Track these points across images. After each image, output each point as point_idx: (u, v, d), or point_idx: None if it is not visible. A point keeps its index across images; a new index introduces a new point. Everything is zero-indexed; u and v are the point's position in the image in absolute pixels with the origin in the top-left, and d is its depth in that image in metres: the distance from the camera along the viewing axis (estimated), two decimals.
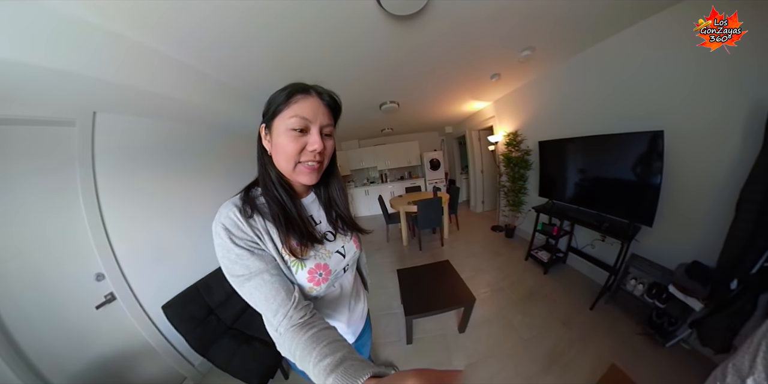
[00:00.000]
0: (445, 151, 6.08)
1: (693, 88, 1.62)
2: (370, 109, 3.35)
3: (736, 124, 1.45)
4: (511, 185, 3.61)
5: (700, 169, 1.65)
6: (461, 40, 1.80)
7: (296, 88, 0.55)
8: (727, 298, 1.30)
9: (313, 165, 0.56)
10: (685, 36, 1.55)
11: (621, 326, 1.92)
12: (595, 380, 1.50)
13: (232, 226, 0.53)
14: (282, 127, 0.54)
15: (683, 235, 1.79)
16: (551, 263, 2.72)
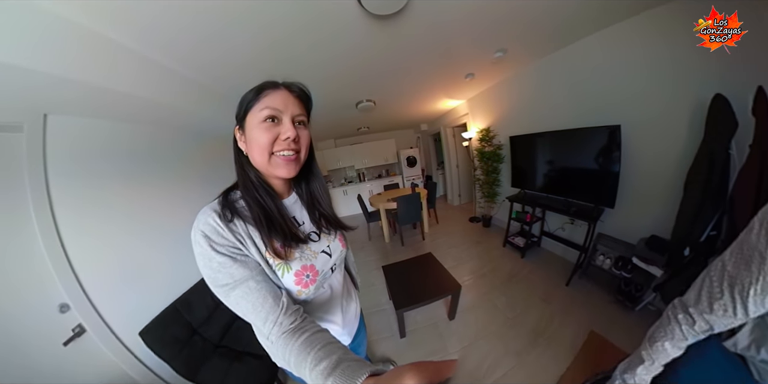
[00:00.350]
0: (421, 148, 6.19)
1: (646, 88, 1.82)
2: (346, 108, 3.32)
3: (682, 118, 1.66)
4: (485, 178, 3.76)
5: (653, 156, 1.87)
6: (438, 41, 1.83)
7: (264, 84, 0.55)
8: (682, 263, 1.49)
9: (290, 155, 0.55)
10: (639, 43, 1.79)
11: (595, 297, 2.11)
12: (578, 347, 1.64)
13: (212, 233, 0.50)
14: (254, 121, 0.53)
15: (641, 214, 2.01)
16: (527, 247, 2.90)
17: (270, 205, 0.57)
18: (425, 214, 3.86)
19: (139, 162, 1.76)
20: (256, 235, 0.54)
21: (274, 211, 0.57)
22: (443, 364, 0.28)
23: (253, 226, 0.54)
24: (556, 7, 1.58)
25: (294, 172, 0.57)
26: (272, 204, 0.58)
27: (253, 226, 0.54)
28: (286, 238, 0.57)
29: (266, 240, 0.54)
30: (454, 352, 1.73)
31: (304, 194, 0.70)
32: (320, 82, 2.25)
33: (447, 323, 1.99)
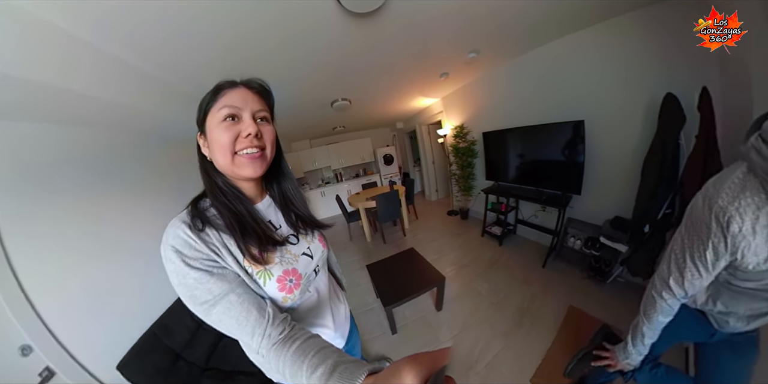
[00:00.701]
0: (397, 145, 6.21)
1: (606, 87, 2.01)
2: (321, 107, 3.25)
3: (638, 114, 1.86)
4: (460, 173, 3.87)
5: (614, 147, 2.06)
6: (415, 40, 1.84)
7: (221, 84, 0.53)
8: (643, 239, 1.64)
9: (254, 153, 0.52)
10: (599, 48, 1.99)
11: (569, 275, 2.26)
12: (560, 322, 1.75)
13: (184, 247, 0.46)
14: (214, 122, 0.51)
15: (605, 198, 2.19)
16: (504, 236, 3.03)
17: (241, 209, 0.55)
18: (404, 211, 3.87)
19: (97, 172, 1.53)
20: (232, 243, 0.51)
21: (245, 216, 0.55)
22: (438, 352, 0.28)
23: (227, 234, 0.51)
24: (526, 11, 1.66)
25: (260, 171, 0.54)
26: (243, 208, 0.55)
27: (227, 234, 0.51)
28: (261, 241, 0.54)
29: (242, 247, 0.51)
30: (445, 341, 1.77)
31: (277, 196, 0.67)
32: (294, 81, 2.16)
33: (435, 314, 2.01)
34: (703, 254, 0.61)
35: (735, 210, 0.54)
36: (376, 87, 2.87)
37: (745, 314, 0.69)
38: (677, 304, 0.72)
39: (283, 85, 2.17)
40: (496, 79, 2.98)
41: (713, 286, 0.70)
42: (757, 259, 0.55)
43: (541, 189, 2.61)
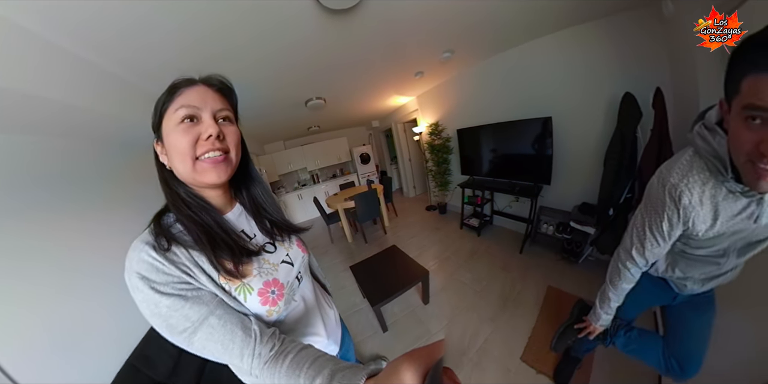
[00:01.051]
0: (373, 144, 6.16)
1: (572, 86, 2.17)
2: (295, 107, 3.13)
3: (600, 110, 2.03)
4: (437, 169, 3.94)
5: (578, 140, 2.23)
6: (391, 39, 1.83)
7: (177, 82, 0.48)
8: (608, 221, 1.79)
9: (216, 156, 0.47)
10: (562, 52, 2.15)
11: (545, 259, 2.40)
12: (541, 302, 1.86)
13: (150, 271, 0.41)
14: (170, 125, 0.46)
15: (572, 186, 2.36)
16: (482, 227, 3.14)
17: (208, 221, 0.50)
18: (384, 209, 3.84)
19: (50, 187, 1.28)
20: (203, 260, 0.46)
21: (214, 227, 0.50)
22: (433, 346, 0.28)
23: (196, 250, 0.46)
24: (498, 13, 1.72)
25: (225, 176, 0.49)
26: (210, 219, 0.50)
27: (196, 250, 0.46)
28: (234, 253, 0.49)
29: (215, 262, 0.46)
30: (437, 333, 1.78)
31: (247, 203, 0.62)
32: (265, 80, 2.04)
33: (423, 308, 2.03)
34: (660, 225, 0.69)
35: (684, 186, 0.62)
36: (352, 85, 2.82)
37: (699, 278, 0.79)
38: (638, 273, 0.81)
39: (254, 84, 2.05)
40: (469, 78, 3.07)
41: (671, 256, 0.79)
42: (705, 226, 0.64)
43: (513, 181, 2.74)
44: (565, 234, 2.24)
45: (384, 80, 2.90)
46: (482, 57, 2.70)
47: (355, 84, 2.78)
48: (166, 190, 0.51)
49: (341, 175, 6.00)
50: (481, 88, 2.97)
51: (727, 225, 0.62)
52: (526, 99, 2.53)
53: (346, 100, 3.44)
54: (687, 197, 0.62)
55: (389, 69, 2.52)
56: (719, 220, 0.62)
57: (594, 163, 2.06)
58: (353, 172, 6.00)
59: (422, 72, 2.83)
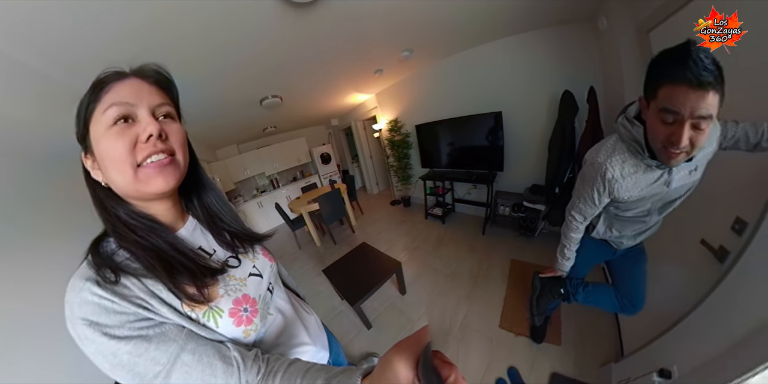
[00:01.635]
0: (333, 143, 5.95)
1: (519, 85, 2.41)
2: (248, 106, 2.88)
3: (543, 105, 2.28)
4: (398, 164, 3.99)
5: (526, 131, 2.47)
6: (351, 36, 1.78)
7: (104, 76, 0.40)
8: (555, 198, 2.00)
9: (162, 159, 0.39)
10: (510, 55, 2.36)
11: (505, 237, 2.60)
12: (508, 274, 2.02)
13: (99, 314, 0.33)
14: (100, 130, 0.37)
15: (523, 171, 2.60)
16: (445, 215, 3.28)
17: (158, 243, 0.42)
18: (349, 208, 3.73)
19: None
20: (161, 288, 0.39)
21: (167, 250, 0.42)
22: (418, 333, 0.29)
23: (150, 278, 0.39)
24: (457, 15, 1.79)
25: (174, 181, 0.41)
26: (161, 241, 0.42)
27: (150, 278, 0.39)
28: (196, 276, 0.42)
29: (175, 290, 0.39)
30: (418, 320, 1.81)
31: (201, 214, 0.54)
32: (214, 76, 1.82)
33: (402, 298, 2.04)
34: (591, 195, 0.84)
35: (608, 164, 0.76)
36: (310, 83, 2.67)
37: (632, 234, 0.95)
38: (582, 225, 0.97)
39: (200, 82, 1.81)
40: (427, 76, 3.16)
41: (608, 219, 0.95)
42: (628, 194, 0.79)
43: (470, 170, 2.91)
44: (520, 213, 2.45)
45: (343, 77, 2.82)
46: (439, 57, 2.80)
47: (314, 81, 2.65)
48: (103, 214, 0.41)
49: (302, 177, 5.72)
50: (438, 86, 3.09)
51: (646, 190, 0.77)
52: (479, 96, 2.70)
53: (304, 98, 3.28)
54: (610, 173, 0.76)
55: (349, 66, 2.46)
56: (639, 187, 0.77)
57: (540, 151, 2.31)
58: (314, 173, 5.77)
59: (381, 70, 2.82)
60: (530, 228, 2.42)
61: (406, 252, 2.77)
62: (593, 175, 0.80)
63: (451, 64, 2.83)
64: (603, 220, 0.95)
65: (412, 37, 2.06)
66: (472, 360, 1.42)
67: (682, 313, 0.85)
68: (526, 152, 2.52)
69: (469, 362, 1.41)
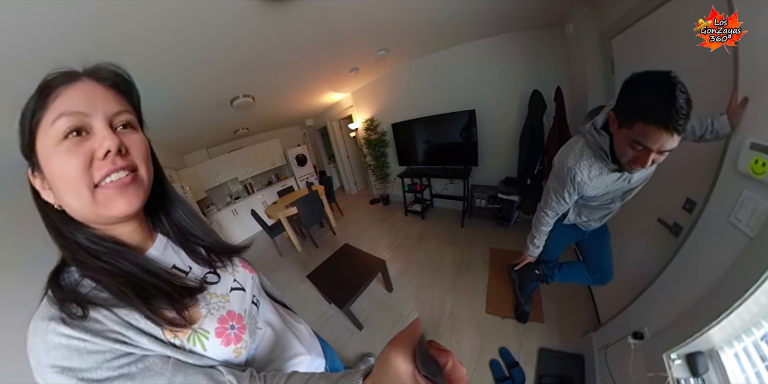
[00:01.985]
0: (309, 144, 5.74)
1: (491, 84, 2.52)
2: (218, 107, 2.69)
3: (514, 103, 2.40)
4: (375, 163, 3.98)
5: (498, 128, 2.59)
6: (326, 34, 1.73)
7: (51, 79, 0.34)
8: (527, 189, 2.13)
9: (122, 177, 0.35)
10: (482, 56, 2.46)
11: (483, 227, 2.71)
12: (488, 262, 2.11)
13: (71, 357, 0.29)
14: (49, 145, 0.32)
15: (496, 165, 2.73)
16: (424, 210, 3.34)
17: (127, 267, 0.37)
18: (328, 210, 3.61)
19: None
20: (137, 316, 0.34)
21: (137, 273, 0.38)
22: (411, 326, 0.28)
23: (123, 307, 0.34)
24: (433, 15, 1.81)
25: (138, 201, 0.37)
26: (129, 264, 0.38)
27: (123, 307, 0.34)
28: (174, 299, 0.38)
29: (152, 316, 0.35)
30: (409, 315, 1.83)
31: (170, 231, 0.49)
32: (179, 75, 1.67)
33: (390, 296, 2.04)
34: (562, 194, 0.92)
35: (577, 168, 0.84)
36: (284, 81, 2.56)
37: (598, 218, 1.05)
38: (552, 220, 1.05)
39: (163, 82, 1.66)
40: (403, 75, 3.18)
41: (577, 208, 1.04)
42: (594, 192, 0.87)
43: (446, 166, 2.99)
44: (495, 204, 2.58)
45: (318, 76, 2.75)
46: (415, 56, 2.84)
47: (288, 79, 2.54)
48: (59, 240, 0.36)
49: (277, 180, 5.47)
50: (414, 85, 3.13)
51: (610, 187, 0.86)
52: (453, 94, 2.78)
53: (277, 98, 3.14)
54: (579, 176, 0.84)
55: (324, 64, 2.40)
56: (604, 185, 0.85)
57: (511, 145, 2.44)
58: (290, 176, 5.55)
59: (357, 68, 2.79)
60: (506, 218, 2.56)
61: (389, 250, 2.77)
62: (563, 178, 0.88)
63: (426, 63, 2.88)
64: (573, 209, 1.04)
65: (389, 37, 2.07)
66: (465, 346, 1.47)
67: (647, 282, 0.94)
68: (499, 147, 2.65)
69: (462, 348, 1.46)
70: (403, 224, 3.31)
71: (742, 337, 0.62)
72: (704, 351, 0.67)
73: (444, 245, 2.56)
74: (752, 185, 0.64)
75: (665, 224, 1.00)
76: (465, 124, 2.62)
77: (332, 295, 1.71)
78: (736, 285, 0.59)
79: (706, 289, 0.68)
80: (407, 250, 2.65)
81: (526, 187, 2.17)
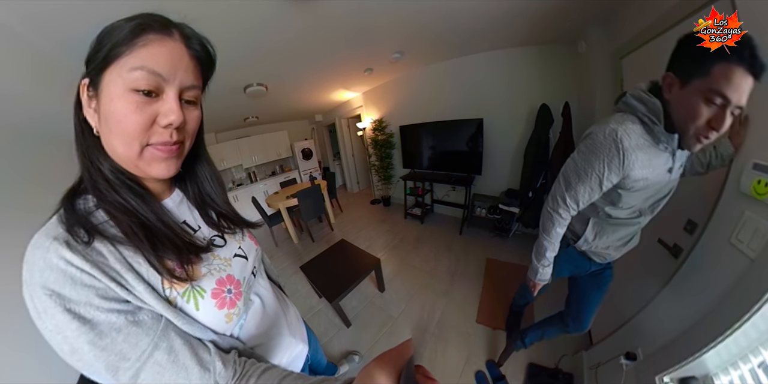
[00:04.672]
0: (316, 139, 5.78)
1: (502, 95, 2.54)
2: (231, 92, 2.69)
3: (522, 116, 2.42)
4: (380, 163, 3.98)
5: (504, 139, 2.60)
6: (346, 33, 1.77)
7: (147, 20, 0.33)
8: (529, 202, 2.11)
9: (171, 147, 0.35)
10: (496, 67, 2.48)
11: (481, 237, 2.70)
12: (483, 272, 2.10)
13: (64, 284, 0.28)
14: (119, 85, 0.31)
15: (499, 176, 2.73)
16: (424, 215, 3.33)
17: (143, 210, 0.37)
18: (328, 206, 3.63)
19: None
20: (140, 261, 0.34)
21: (152, 219, 0.37)
22: (401, 346, 0.28)
23: (129, 248, 0.34)
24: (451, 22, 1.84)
25: (175, 170, 0.38)
26: (146, 209, 0.37)
27: (129, 248, 0.34)
28: (180, 251, 0.38)
29: (156, 264, 0.34)
30: (398, 317, 1.80)
31: (191, 191, 0.49)
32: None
33: (381, 296, 2.02)
34: (598, 171, 0.67)
35: (623, 130, 0.63)
36: (298, 75, 2.57)
37: (618, 242, 0.84)
38: (569, 218, 0.78)
39: None
40: (415, 79, 3.20)
41: (598, 224, 0.82)
42: (641, 174, 0.65)
43: (450, 173, 2.99)
44: (495, 215, 2.58)
45: (333, 73, 2.77)
46: (429, 62, 2.87)
47: (303, 73, 2.56)
48: (85, 163, 0.35)
49: (281, 172, 5.49)
50: (425, 90, 3.15)
51: (655, 173, 0.66)
52: (463, 102, 2.80)
53: (290, 90, 3.16)
54: (627, 140, 0.62)
55: (340, 62, 2.42)
56: (651, 166, 0.66)
57: (516, 157, 2.46)
58: (294, 168, 5.56)
59: (372, 69, 2.82)
60: (505, 229, 2.55)
61: (385, 250, 2.76)
62: (604, 145, 0.64)
63: (439, 70, 2.90)
64: (592, 226, 0.81)
65: (406, 40, 2.09)
66: (451, 354, 1.45)
67: (643, 302, 0.93)
68: (503, 158, 2.66)
69: (448, 357, 1.43)
70: (401, 226, 3.31)
71: (738, 364, 0.60)
72: (698, 376, 0.65)
73: (440, 251, 2.54)
74: (754, 206, 0.64)
75: (665, 245, 0.99)
76: (472, 133, 2.64)
77: (323, 288, 1.69)
78: (734, 308, 0.58)
79: (704, 312, 0.67)
80: (403, 253, 2.64)
81: (527, 199, 2.17)
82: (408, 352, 0.27)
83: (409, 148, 3.44)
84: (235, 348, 0.41)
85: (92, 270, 0.29)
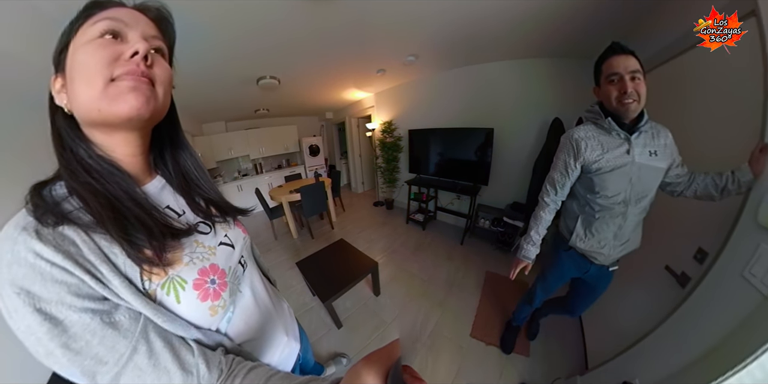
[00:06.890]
0: (324, 136, 5.82)
1: (514, 106, 2.51)
2: (244, 83, 2.74)
3: (534, 129, 2.39)
4: (386, 166, 3.98)
5: (514, 149, 2.57)
6: (361, 33, 1.80)
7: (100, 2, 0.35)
8: None
9: (139, 76, 0.33)
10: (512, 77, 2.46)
11: (482, 249, 2.67)
12: (481, 285, 2.06)
13: (33, 280, 0.26)
14: (81, 40, 0.33)
15: (506, 188, 2.71)
16: (426, 221, 3.31)
17: (114, 190, 0.35)
18: (331, 204, 3.64)
19: None
20: (116, 251, 0.32)
21: (122, 198, 0.35)
22: (389, 346, 0.28)
23: (104, 236, 0.31)
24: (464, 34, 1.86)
25: (146, 108, 0.34)
26: (117, 188, 0.35)
27: (104, 236, 0.31)
28: (152, 233, 0.35)
29: (132, 251, 0.32)
30: (391, 323, 1.78)
31: (174, 177, 0.48)
32: (214, 47, 1.75)
33: (375, 300, 2.00)
34: (563, 160, 0.93)
35: (575, 131, 0.91)
36: (312, 71, 2.60)
37: (613, 243, 0.92)
38: (552, 203, 1.01)
39: (202, 48, 1.72)
40: (428, 84, 3.20)
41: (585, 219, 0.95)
42: (595, 153, 0.87)
43: (456, 181, 2.98)
44: (499, 227, 2.54)
45: (346, 71, 2.79)
46: (443, 67, 2.87)
47: (316, 69, 2.59)
48: (59, 149, 0.35)
49: (287, 166, 5.53)
50: (437, 95, 3.14)
51: (611, 156, 0.85)
52: (474, 111, 2.79)
53: (302, 85, 3.19)
54: (577, 134, 0.90)
55: (353, 61, 2.44)
56: (605, 148, 0.86)
57: (524, 171, 2.44)
58: (300, 163, 5.60)
59: (384, 70, 2.83)
60: (507, 242, 2.51)
61: (383, 254, 2.75)
62: (564, 143, 0.93)
63: (453, 76, 2.89)
64: (581, 222, 0.95)
65: (420, 43, 2.10)
66: (442, 366, 1.42)
67: (645, 331, 0.91)
68: (512, 170, 2.63)
69: (438, 368, 1.41)
70: (402, 231, 3.29)
71: None
72: None
73: (440, 260, 2.52)
74: None
75: (672, 273, 0.97)
76: (481, 142, 2.62)
77: (317, 286, 1.68)
78: (741, 346, 0.56)
79: (708, 346, 0.65)
80: (402, 258, 2.62)
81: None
82: (396, 352, 0.27)
83: (417, 152, 3.43)
84: (222, 345, 0.40)
85: (64, 262, 0.27)
